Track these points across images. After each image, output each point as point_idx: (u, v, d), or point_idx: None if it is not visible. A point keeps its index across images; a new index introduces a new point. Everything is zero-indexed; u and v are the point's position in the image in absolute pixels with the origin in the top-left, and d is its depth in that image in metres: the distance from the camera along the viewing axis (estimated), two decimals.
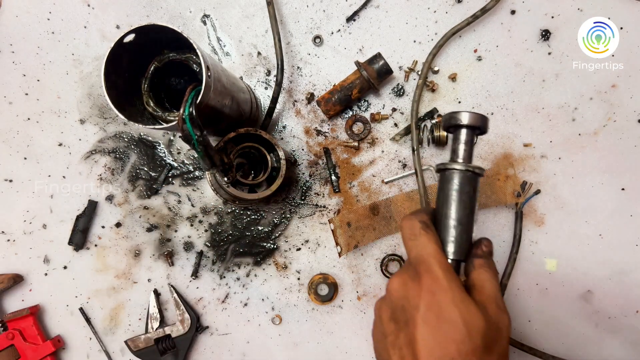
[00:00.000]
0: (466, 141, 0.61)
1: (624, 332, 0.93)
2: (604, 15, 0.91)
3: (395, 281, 0.56)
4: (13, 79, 0.97)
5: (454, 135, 0.62)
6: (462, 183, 0.60)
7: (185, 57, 0.71)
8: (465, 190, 0.59)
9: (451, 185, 0.60)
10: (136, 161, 0.97)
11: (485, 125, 0.61)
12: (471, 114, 0.59)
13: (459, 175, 0.60)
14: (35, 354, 0.92)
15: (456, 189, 0.60)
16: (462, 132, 0.61)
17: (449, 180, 0.60)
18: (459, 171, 0.60)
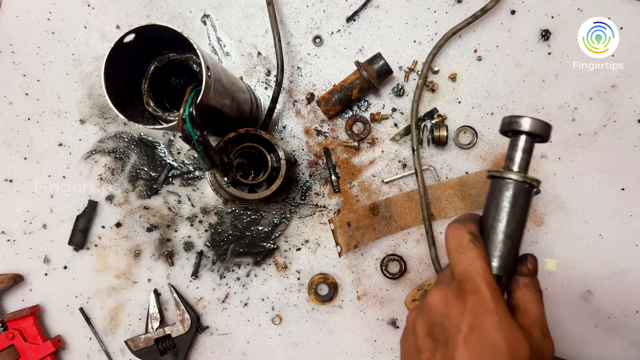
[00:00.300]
0: (525, 149, 0.57)
1: (624, 332, 0.92)
2: (604, 15, 0.91)
3: (436, 295, 0.53)
4: (13, 79, 0.97)
5: (512, 141, 0.58)
6: (516, 195, 0.56)
7: (185, 57, 0.71)
8: (519, 204, 0.56)
9: (504, 196, 0.56)
10: (136, 161, 0.97)
11: (547, 133, 0.56)
12: (534, 120, 0.55)
13: (515, 187, 0.56)
14: (35, 353, 0.92)
15: (510, 201, 0.56)
16: (522, 138, 0.57)
17: (502, 190, 0.56)
18: (515, 182, 0.56)
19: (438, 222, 0.94)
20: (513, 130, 0.57)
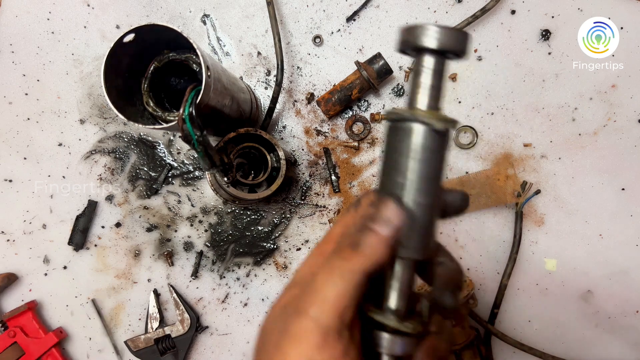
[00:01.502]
0: (434, 74, 0.40)
1: (624, 332, 0.92)
2: (604, 15, 0.91)
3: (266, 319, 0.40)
4: (13, 79, 0.97)
5: (415, 66, 0.41)
6: (425, 144, 0.39)
7: (185, 57, 0.71)
8: (431, 158, 0.39)
9: (407, 146, 0.39)
10: (136, 161, 0.97)
11: (463, 45, 0.39)
12: (442, 29, 0.39)
13: (423, 133, 0.39)
14: (38, 347, 0.92)
15: (417, 152, 0.39)
16: (427, 59, 0.40)
17: (404, 137, 0.39)
18: (422, 125, 0.39)
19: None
20: (413, 47, 0.39)
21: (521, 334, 0.93)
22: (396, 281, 0.41)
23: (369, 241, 0.37)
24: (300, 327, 0.35)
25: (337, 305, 0.35)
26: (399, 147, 0.40)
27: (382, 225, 0.37)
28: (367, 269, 0.36)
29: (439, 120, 0.39)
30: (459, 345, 0.84)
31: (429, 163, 0.39)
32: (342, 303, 0.36)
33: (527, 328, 0.94)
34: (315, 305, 0.36)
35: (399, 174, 0.39)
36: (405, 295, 0.41)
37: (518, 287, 0.94)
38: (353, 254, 0.36)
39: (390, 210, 0.37)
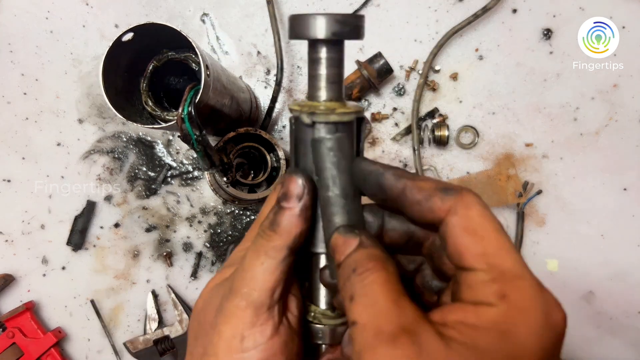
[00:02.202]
0: (330, 63, 0.39)
1: (626, 333, 0.92)
2: (606, 14, 0.90)
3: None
4: (11, 78, 0.96)
5: (310, 54, 0.40)
6: (335, 143, 0.38)
7: (184, 56, 0.70)
8: (338, 151, 0.38)
9: (319, 146, 0.38)
10: (135, 161, 0.96)
11: (356, 26, 0.39)
12: (328, 17, 0.37)
13: (326, 131, 0.38)
14: (37, 348, 0.92)
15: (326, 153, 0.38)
16: (322, 50, 0.39)
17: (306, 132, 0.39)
18: (324, 124, 0.38)
19: None
20: (304, 38, 0.39)
21: None
22: (317, 280, 0.42)
23: (283, 219, 0.38)
24: (233, 305, 0.37)
25: (266, 282, 0.37)
26: (302, 139, 0.40)
27: (290, 201, 0.38)
28: (288, 244, 0.38)
29: (340, 113, 0.38)
30: None
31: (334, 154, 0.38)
32: (270, 279, 0.37)
33: None
34: (246, 283, 0.38)
35: (307, 161, 0.40)
36: (328, 294, 0.42)
37: None
38: (272, 234, 0.38)
39: (295, 185, 0.38)
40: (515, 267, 0.32)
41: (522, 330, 0.30)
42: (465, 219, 0.34)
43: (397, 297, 0.32)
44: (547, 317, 0.31)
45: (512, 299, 0.31)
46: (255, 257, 0.38)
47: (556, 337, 0.32)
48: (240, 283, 0.38)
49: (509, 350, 0.30)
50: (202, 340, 0.39)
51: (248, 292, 0.37)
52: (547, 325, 0.31)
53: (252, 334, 0.37)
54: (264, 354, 0.37)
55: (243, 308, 0.37)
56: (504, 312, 0.31)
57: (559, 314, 0.32)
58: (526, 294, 0.31)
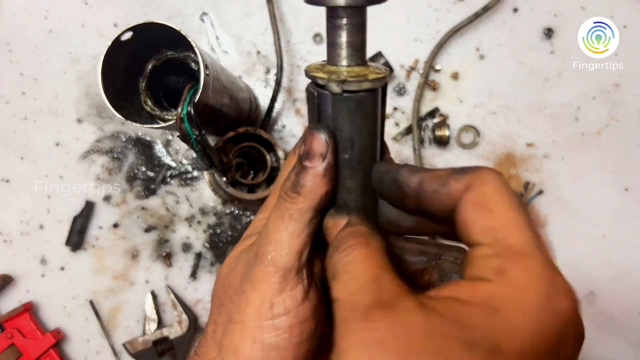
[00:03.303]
0: (352, 29, 0.36)
1: (627, 333, 0.92)
2: (607, 13, 0.90)
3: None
4: (10, 77, 0.96)
5: (329, 22, 0.37)
6: (354, 109, 0.35)
7: (183, 55, 0.70)
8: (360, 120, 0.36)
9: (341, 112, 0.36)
10: (134, 161, 0.96)
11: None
12: None
13: (350, 100, 0.35)
14: (36, 348, 0.91)
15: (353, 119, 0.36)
16: (342, 15, 0.37)
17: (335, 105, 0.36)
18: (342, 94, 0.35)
19: None
20: (324, 4, 0.36)
21: None
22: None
23: (307, 179, 0.36)
24: (260, 271, 0.36)
25: (292, 246, 0.36)
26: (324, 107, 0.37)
27: (314, 160, 0.36)
28: (312, 206, 0.36)
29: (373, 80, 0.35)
30: None
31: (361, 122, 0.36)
32: (296, 243, 0.36)
33: None
34: (273, 248, 0.36)
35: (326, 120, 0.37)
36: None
37: None
38: (296, 196, 0.36)
39: (318, 142, 0.36)
40: (524, 244, 0.29)
41: (514, 310, 0.28)
42: (477, 195, 0.31)
43: (378, 272, 0.31)
44: (548, 300, 0.28)
45: (511, 276, 0.28)
46: (279, 221, 0.36)
47: (559, 325, 0.28)
48: (265, 248, 0.36)
49: (495, 330, 0.27)
50: (227, 308, 0.38)
51: (275, 256, 0.36)
52: (546, 309, 0.28)
53: (282, 299, 0.35)
54: (295, 319, 0.36)
55: (271, 273, 0.36)
56: (499, 288, 0.28)
57: (566, 300, 0.28)
58: (528, 272, 0.28)
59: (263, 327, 0.35)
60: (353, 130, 0.36)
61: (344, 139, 0.36)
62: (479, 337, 0.27)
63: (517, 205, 0.31)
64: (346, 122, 0.36)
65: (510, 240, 0.29)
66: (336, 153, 0.37)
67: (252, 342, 0.36)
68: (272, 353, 0.36)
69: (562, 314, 0.28)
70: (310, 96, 0.38)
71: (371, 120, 0.37)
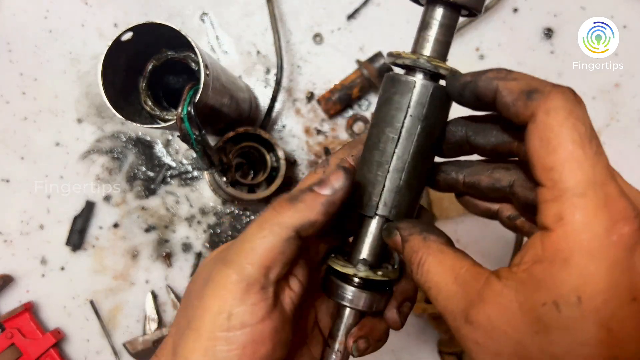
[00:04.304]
0: (446, 28, 0.39)
1: None
2: (607, 13, 0.90)
3: None
4: (10, 77, 0.96)
5: (425, 17, 0.41)
6: (433, 98, 0.38)
7: (183, 55, 0.70)
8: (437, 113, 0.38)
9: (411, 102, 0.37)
10: (134, 161, 0.96)
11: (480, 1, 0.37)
12: None
13: (432, 88, 0.38)
14: (36, 348, 0.91)
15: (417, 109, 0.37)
16: (440, 12, 0.39)
17: (405, 91, 0.38)
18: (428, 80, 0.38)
19: (440, 223, 0.93)
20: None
21: None
22: (367, 235, 0.40)
23: (305, 197, 0.35)
24: (223, 276, 0.35)
25: (263, 259, 0.34)
26: (395, 99, 0.38)
27: (323, 188, 0.36)
28: (297, 224, 0.35)
29: (455, 70, 0.38)
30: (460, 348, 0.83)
31: (429, 120, 0.37)
32: (268, 257, 0.34)
33: None
34: (242, 255, 0.35)
35: (392, 129, 0.38)
36: (375, 248, 0.40)
37: None
38: (286, 207, 0.35)
39: (337, 179, 0.36)
40: (580, 183, 0.28)
41: (581, 257, 0.27)
42: (541, 128, 0.30)
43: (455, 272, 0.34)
44: (608, 235, 0.27)
45: (569, 222, 0.28)
46: (257, 230, 0.35)
47: (626, 252, 0.27)
48: (235, 255, 0.35)
49: (572, 282, 0.27)
50: (187, 312, 0.37)
51: (242, 265, 0.34)
52: (609, 245, 0.27)
53: (241, 312, 0.34)
54: (250, 336, 0.34)
55: (234, 281, 0.34)
56: (562, 238, 0.28)
57: (627, 226, 0.28)
58: (584, 214, 0.28)
59: (216, 339, 0.34)
60: (439, 119, 0.38)
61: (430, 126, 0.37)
62: (562, 293, 0.27)
63: (579, 137, 0.30)
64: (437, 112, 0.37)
65: (566, 180, 0.29)
66: (347, 194, 0.37)
67: (203, 354, 0.34)
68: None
69: (625, 242, 0.28)
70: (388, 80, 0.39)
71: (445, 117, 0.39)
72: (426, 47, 0.39)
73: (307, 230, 0.35)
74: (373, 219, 0.40)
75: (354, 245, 0.41)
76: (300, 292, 0.39)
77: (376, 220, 0.40)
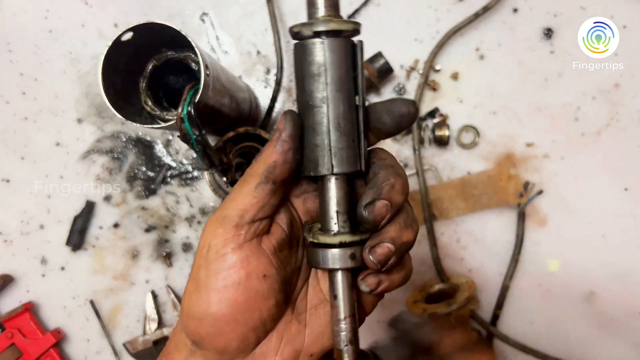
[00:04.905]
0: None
1: (627, 333, 0.92)
2: (607, 13, 0.90)
3: None
4: (10, 77, 0.96)
5: None
6: (333, 57, 0.40)
7: (183, 55, 0.70)
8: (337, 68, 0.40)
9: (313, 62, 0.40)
10: (134, 161, 0.96)
11: None
12: None
13: (326, 46, 0.40)
14: (36, 348, 0.91)
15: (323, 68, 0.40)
16: None
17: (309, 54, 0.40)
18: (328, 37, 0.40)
19: (440, 223, 0.93)
20: None
21: (523, 336, 0.93)
22: (331, 196, 0.43)
23: (264, 150, 0.42)
24: (208, 222, 0.43)
25: (239, 204, 0.42)
26: (303, 60, 0.41)
27: (274, 135, 0.42)
28: (261, 172, 0.41)
29: (338, 21, 0.40)
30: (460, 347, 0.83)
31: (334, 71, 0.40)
32: (243, 202, 0.42)
33: (529, 330, 0.93)
34: (224, 205, 0.43)
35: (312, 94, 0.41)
36: (343, 205, 0.42)
37: (520, 288, 0.93)
38: (254, 163, 0.43)
39: (281, 121, 0.42)
40: None
41: None
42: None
43: None
44: None
45: None
46: (238, 184, 0.43)
47: None
48: (222, 205, 0.43)
49: None
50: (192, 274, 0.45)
51: (223, 211, 0.42)
52: None
53: (215, 244, 0.41)
54: (222, 263, 0.41)
55: (214, 221, 0.42)
56: None
57: None
58: None
59: (200, 267, 0.42)
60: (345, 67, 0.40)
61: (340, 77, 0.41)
62: None
63: None
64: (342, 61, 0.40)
65: None
66: (296, 130, 0.42)
67: (191, 282, 0.43)
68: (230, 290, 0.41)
69: None
70: (295, 55, 0.42)
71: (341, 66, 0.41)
72: (318, 12, 0.41)
73: (274, 172, 0.41)
74: (330, 178, 0.42)
75: (323, 209, 0.43)
76: (282, 237, 0.44)
77: (334, 179, 0.42)
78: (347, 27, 0.40)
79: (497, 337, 0.92)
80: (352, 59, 0.41)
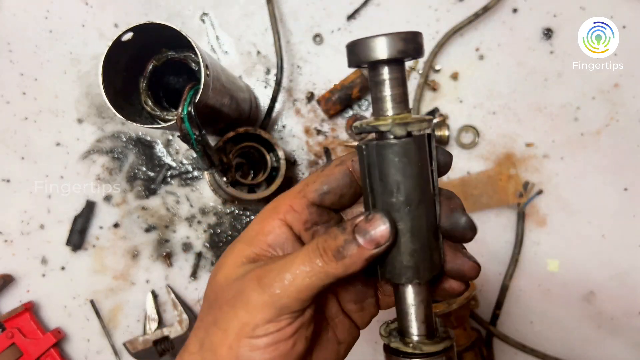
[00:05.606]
0: (393, 83, 0.38)
1: (627, 333, 0.92)
2: (607, 13, 0.90)
3: None
4: (10, 78, 0.96)
5: (372, 77, 0.39)
6: (405, 157, 0.37)
7: (184, 55, 0.70)
8: (411, 170, 0.38)
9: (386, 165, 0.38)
10: (134, 161, 0.96)
11: (417, 45, 0.37)
12: (390, 37, 0.36)
13: (398, 148, 0.37)
14: (37, 348, 0.92)
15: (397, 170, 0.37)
16: (385, 71, 0.38)
17: (382, 157, 0.38)
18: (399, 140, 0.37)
19: None
20: (365, 62, 0.38)
21: (523, 335, 0.93)
22: (409, 306, 0.41)
23: (351, 253, 0.37)
24: (258, 299, 0.38)
25: (301, 293, 0.38)
26: (378, 163, 0.38)
27: (368, 243, 0.37)
28: (341, 275, 0.38)
29: (429, 120, 0.38)
30: (460, 347, 0.83)
31: (415, 174, 0.38)
32: (307, 293, 0.38)
33: (529, 329, 0.93)
34: (281, 285, 0.38)
35: (386, 192, 0.38)
36: (421, 317, 0.42)
37: (520, 288, 0.93)
38: (333, 262, 0.37)
39: (380, 232, 0.38)
40: None
41: None
42: None
43: None
44: None
45: None
46: (304, 270, 0.38)
47: None
48: (274, 281, 0.38)
49: None
50: (215, 312, 0.40)
51: (279, 294, 0.37)
52: None
53: (268, 328, 0.38)
54: (272, 340, 0.38)
55: (268, 305, 0.38)
56: None
57: None
58: None
59: (241, 340, 0.38)
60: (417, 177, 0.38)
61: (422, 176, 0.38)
62: None
63: None
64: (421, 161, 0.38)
65: None
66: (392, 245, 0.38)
67: (228, 349, 0.39)
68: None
69: None
70: (365, 153, 0.39)
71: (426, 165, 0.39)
72: (387, 106, 0.38)
73: (348, 276, 0.38)
74: (407, 286, 0.41)
75: (402, 313, 0.42)
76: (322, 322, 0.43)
77: (410, 288, 0.41)
78: (429, 125, 0.39)
79: (496, 337, 0.92)
80: (429, 152, 0.39)
